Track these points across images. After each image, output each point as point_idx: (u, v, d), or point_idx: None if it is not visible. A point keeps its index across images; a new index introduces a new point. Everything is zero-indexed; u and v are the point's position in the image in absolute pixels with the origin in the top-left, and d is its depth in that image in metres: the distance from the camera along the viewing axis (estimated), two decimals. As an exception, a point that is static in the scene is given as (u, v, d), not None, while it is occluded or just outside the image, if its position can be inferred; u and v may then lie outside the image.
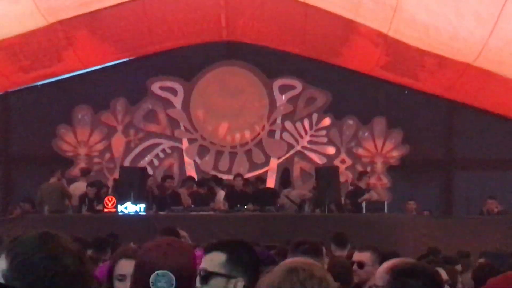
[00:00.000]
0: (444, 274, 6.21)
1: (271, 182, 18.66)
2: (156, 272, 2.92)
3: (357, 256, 5.76)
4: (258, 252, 3.63)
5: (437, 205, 17.99)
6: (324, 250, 7.55)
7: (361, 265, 5.62)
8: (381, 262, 5.23)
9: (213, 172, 18.32)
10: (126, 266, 4.13)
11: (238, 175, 16.97)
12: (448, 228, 14.86)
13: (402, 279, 3.26)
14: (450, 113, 18.79)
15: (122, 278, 4.14)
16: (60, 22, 15.52)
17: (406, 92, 18.05)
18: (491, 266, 7.08)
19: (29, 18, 14.98)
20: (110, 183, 17.43)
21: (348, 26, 15.59)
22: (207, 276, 3.22)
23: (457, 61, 15.12)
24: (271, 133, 19.02)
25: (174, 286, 2.94)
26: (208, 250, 3.32)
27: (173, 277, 2.92)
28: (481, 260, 9.71)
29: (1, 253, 2.11)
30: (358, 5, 14.60)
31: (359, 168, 18.43)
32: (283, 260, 4.44)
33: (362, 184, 16.69)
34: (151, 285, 2.92)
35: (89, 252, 8.24)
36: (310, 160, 18.84)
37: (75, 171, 18.33)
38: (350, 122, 18.96)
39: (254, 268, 3.30)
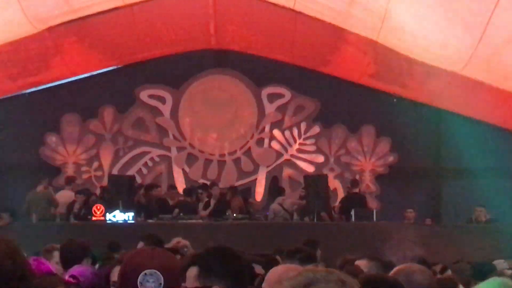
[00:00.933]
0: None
1: (260, 191, 18.64)
2: (144, 271, 2.90)
3: (357, 263, 5.79)
4: (242, 254, 3.59)
5: (426, 213, 17.98)
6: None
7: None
8: (382, 270, 5.26)
9: (202, 181, 18.26)
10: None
11: (214, 183, 16.87)
12: (436, 236, 14.86)
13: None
14: (438, 121, 18.82)
15: (115, 284, 4.13)
16: (48, 29, 15.44)
17: (395, 100, 18.06)
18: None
19: (17, 26, 14.89)
20: (98, 192, 17.35)
21: (337, 35, 15.59)
22: None
23: (445, 69, 15.13)
24: (260, 142, 19.00)
25: (162, 285, 2.92)
26: (184, 268, 3.30)
27: (161, 276, 2.90)
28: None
29: None
30: (347, 13, 14.60)
31: (348, 176, 18.43)
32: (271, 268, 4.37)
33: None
34: (139, 286, 2.90)
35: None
36: (298, 168, 18.82)
37: (63, 179, 18.25)
38: (339, 130, 18.98)
39: (232, 273, 3.24)
